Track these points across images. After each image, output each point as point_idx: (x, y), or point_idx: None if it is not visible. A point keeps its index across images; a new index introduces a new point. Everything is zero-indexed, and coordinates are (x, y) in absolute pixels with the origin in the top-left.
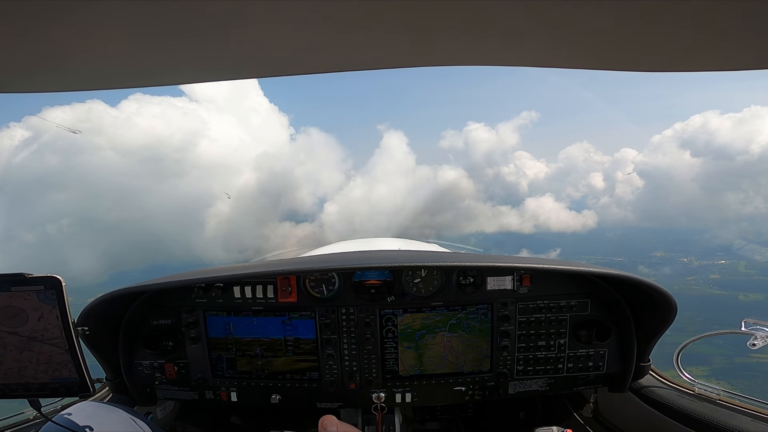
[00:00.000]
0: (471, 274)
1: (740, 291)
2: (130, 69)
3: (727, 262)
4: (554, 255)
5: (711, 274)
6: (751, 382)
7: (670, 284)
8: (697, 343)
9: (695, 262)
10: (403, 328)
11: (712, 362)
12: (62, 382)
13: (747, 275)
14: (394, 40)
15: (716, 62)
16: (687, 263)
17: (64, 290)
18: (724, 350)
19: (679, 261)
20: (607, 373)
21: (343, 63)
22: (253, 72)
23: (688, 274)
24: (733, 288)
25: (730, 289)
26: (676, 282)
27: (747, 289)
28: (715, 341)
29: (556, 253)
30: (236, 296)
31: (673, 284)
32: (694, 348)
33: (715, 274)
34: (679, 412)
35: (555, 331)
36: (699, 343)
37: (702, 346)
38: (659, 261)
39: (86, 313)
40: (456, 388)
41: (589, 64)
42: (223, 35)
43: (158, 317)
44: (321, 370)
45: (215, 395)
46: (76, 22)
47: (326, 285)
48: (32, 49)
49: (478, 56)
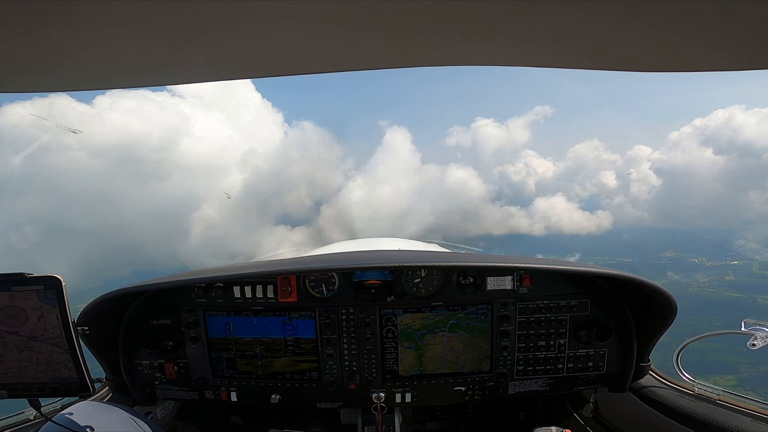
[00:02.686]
0: (471, 274)
1: (758, 293)
2: (130, 69)
3: (740, 263)
4: (573, 261)
5: (725, 275)
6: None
7: (684, 286)
8: (721, 351)
9: (707, 263)
10: (403, 328)
11: (738, 371)
12: (62, 382)
13: (763, 276)
14: (394, 40)
15: (716, 62)
16: (698, 263)
17: (64, 290)
18: (749, 358)
19: (689, 262)
20: (607, 374)
21: (343, 63)
22: (253, 72)
23: (701, 275)
24: (750, 290)
25: (747, 291)
26: (690, 284)
27: (765, 292)
28: (739, 348)
29: (575, 259)
30: (236, 296)
31: (687, 286)
32: (717, 356)
33: (730, 275)
34: (678, 412)
35: (555, 331)
36: (722, 351)
37: (726, 354)
38: (669, 262)
39: (86, 313)
40: (456, 388)
41: (588, 64)
42: (223, 35)
43: (158, 317)
44: (321, 370)
45: (215, 395)
46: (75, 22)
47: (326, 285)
48: (32, 49)
49: (478, 56)
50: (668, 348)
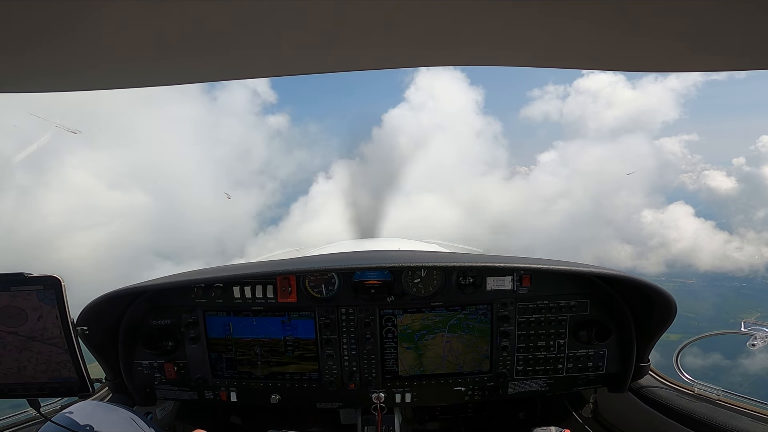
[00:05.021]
0: (471, 274)
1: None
2: (131, 69)
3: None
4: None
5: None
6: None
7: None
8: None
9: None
10: (403, 329)
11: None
12: (62, 382)
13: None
14: (394, 40)
15: (716, 62)
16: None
17: (63, 290)
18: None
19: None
20: (607, 374)
21: (343, 63)
22: (253, 72)
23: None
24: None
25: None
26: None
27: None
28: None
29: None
30: (236, 296)
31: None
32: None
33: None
34: (678, 413)
35: (555, 331)
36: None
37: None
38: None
39: (86, 313)
40: (456, 389)
41: (587, 64)
42: (223, 35)
43: (158, 317)
44: (321, 370)
45: (215, 395)
46: (76, 22)
47: (326, 285)
48: (33, 49)
49: (478, 57)
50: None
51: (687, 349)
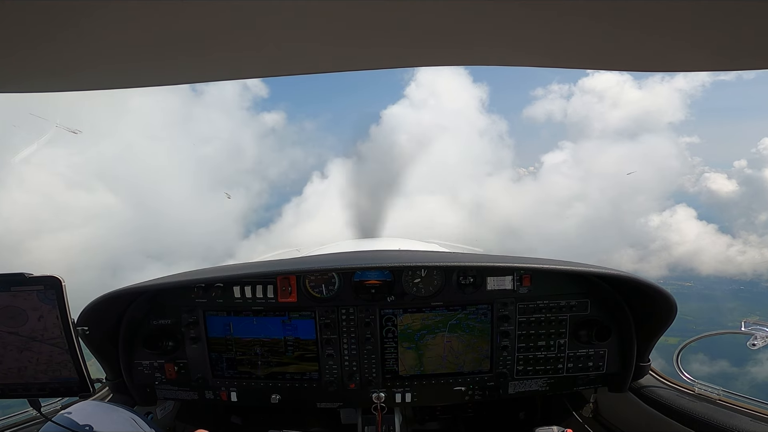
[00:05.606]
0: (471, 274)
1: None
2: (131, 69)
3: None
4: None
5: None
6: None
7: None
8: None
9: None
10: (403, 329)
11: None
12: (62, 382)
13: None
14: (395, 40)
15: (716, 62)
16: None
17: (64, 290)
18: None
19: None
20: (607, 373)
21: (343, 63)
22: (253, 72)
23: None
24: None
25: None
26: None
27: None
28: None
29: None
30: (236, 296)
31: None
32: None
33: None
34: (679, 413)
35: (555, 331)
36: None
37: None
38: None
39: (86, 313)
40: (456, 389)
41: (587, 64)
42: (223, 35)
43: (158, 317)
44: (321, 370)
45: (215, 395)
46: (77, 23)
47: (326, 285)
48: (33, 49)
49: (478, 57)
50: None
51: (693, 356)
